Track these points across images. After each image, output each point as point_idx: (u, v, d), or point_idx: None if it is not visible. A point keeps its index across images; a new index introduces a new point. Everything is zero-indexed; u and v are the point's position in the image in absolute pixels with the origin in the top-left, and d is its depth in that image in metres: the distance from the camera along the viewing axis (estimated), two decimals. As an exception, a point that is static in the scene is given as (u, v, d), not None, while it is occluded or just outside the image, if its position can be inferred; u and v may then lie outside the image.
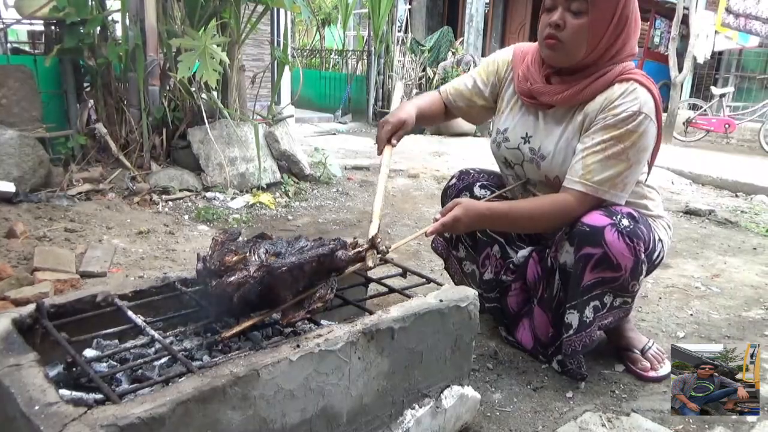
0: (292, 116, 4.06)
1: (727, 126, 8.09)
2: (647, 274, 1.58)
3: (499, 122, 1.70)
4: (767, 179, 4.87)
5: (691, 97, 9.43)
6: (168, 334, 1.11)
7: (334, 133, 6.82)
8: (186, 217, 3.13)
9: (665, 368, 1.67)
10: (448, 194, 1.84)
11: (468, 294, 1.30)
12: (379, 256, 1.31)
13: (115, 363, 1.05)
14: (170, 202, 3.27)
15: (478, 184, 1.78)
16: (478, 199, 1.72)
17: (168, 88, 3.52)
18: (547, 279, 1.66)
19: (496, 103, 1.74)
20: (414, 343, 1.19)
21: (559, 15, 1.42)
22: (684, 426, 1.41)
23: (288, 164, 3.86)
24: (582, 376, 1.61)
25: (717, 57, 9.49)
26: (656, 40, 10.38)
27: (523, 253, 1.77)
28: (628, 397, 1.56)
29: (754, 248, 3.27)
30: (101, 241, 2.63)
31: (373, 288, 1.47)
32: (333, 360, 1.03)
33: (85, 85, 3.53)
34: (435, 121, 1.83)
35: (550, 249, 1.64)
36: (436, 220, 1.46)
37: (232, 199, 3.43)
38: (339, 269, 1.20)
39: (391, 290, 1.35)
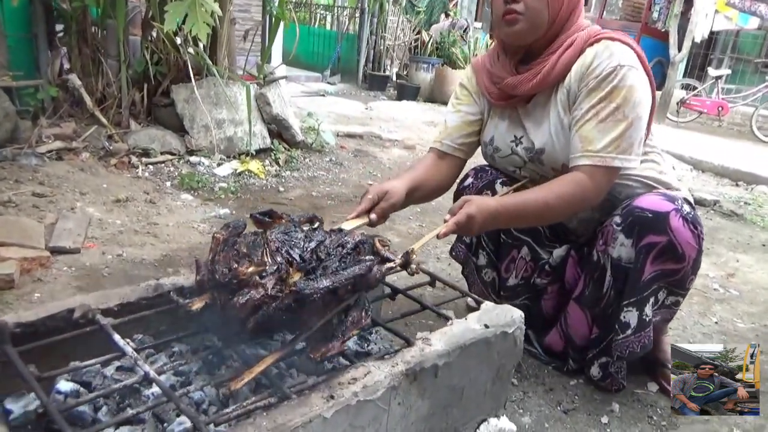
0: (285, 77, 3.77)
1: (720, 109, 7.99)
2: None
3: (484, 135, 1.57)
4: (767, 169, 4.78)
5: (684, 77, 9.29)
6: (163, 364, 0.90)
7: (323, 95, 6.50)
8: (168, 184, 2.87)
9: (703, 391, 1.53)
10: (464, 194, 1.60)
11: (514, 317, 1.12)
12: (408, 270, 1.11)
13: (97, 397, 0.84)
14: (150, 166, 3.00)
15: (499, 180, 1.59)
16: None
17: (150, 39, 3.19)
18: (590, 276, 1.48)
19: None
20: (457, 379, 1.00)
21: None
22: (735, 466, 1.28)
23: (279, 129, 3.59)
24: (622, 385, 1.50)
25: (713, 37, 9.32)
26: (655, 15, 10.15)
27: (560, 252, 1.59)
28: (668, 425, 1.42)
29: (764, 245, 3.16)
30: (74, 209, 2.37)
31: (399, 300, 1.28)
32: (371, 410, 0.84)
33: (58, 30, 3.18)
34: (438, 190, 1.56)
35: (595, 243, 1.47)
36: (446, 220, 1.26)
37: (219, 165, 3.17)
38: (370, 288, 1.00)
39: (424, 307, 1.16)
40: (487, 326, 1.06)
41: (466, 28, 7.93)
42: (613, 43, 1.32)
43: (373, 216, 1.29)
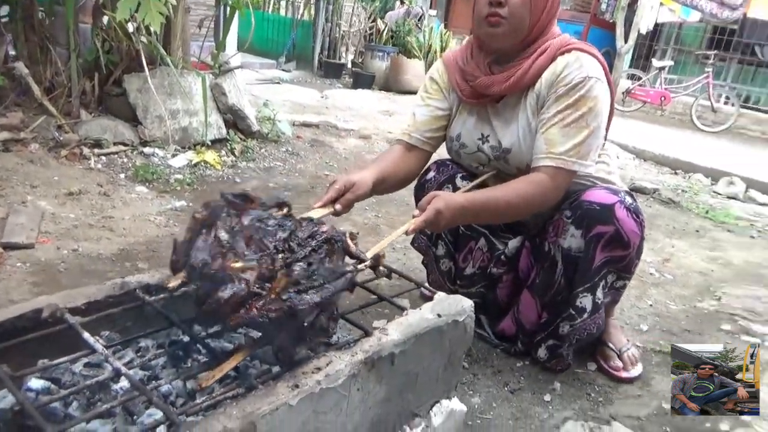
0: (241, 67, 3.75)
1: (663, 99, 8.34)
2: None
3: (450, 130, 1.64)
4: (703, 158, 5.05)
5: (630, 67, 9.63)
6: (130, 360, 0.95)
7: (278, 82, 6.46)
8: (122, 175, 2.84)
9: (637, 370, 1.67)
10: (426, 188, 1.69)
11: (465, 306, 1.20)
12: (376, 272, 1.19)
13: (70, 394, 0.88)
14: (103, 157, 2.95)
15: (459, 175, 1.67)
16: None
17: (101, 26, 3.11)
18: (542, 265, 1.60)
19: None
20: (412, 366, 1.08)
21: None
22: (662, 436, 1.41)
23: (234, 119, 3.58)
24: (568, 365, 1.63)
25: (657, 29, 9.67)
26: (603, 7, 10.44)
27: (515, 243, 1.69)
28: (604, 401, 1.55)
29: (697, 231, 3.38)
30: (25, 203, 2.33)
31: (357, 291, 1.34)
32: (333, 397, 0.91)
33: (2, 15, 3.06)
34: (405, 182, 1.63)
35: (546, 235, 1.57)
36: (414, 216, 1.33)
37: (174, 156, 3.15)
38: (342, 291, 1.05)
39: (381, 299, 1.23)
40: (439, 315, 1.14)
41: (421, 16, 7.99)
42: (584, 55, 1.42)
43: (338, 206, 1.33)
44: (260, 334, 0.97)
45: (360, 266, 1.09)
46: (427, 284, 1.36)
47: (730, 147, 6.47)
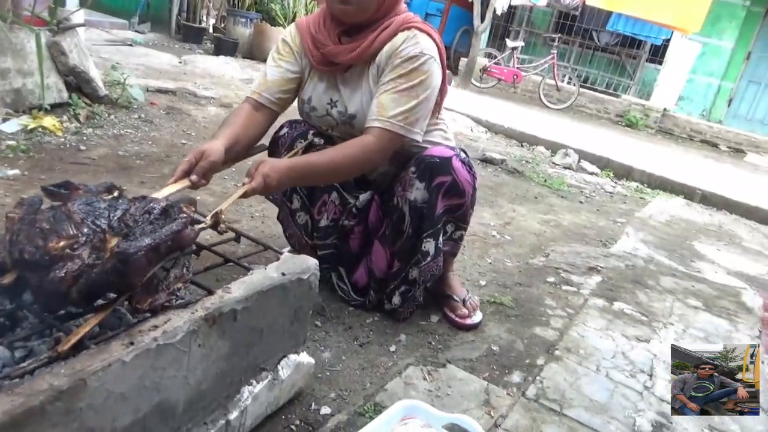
0: (83, 24, 3.44)
1: (515, 77, 8.99)
2: None
3: (302, 93, 1.71)
4: (546, 131, 5.57)
5: (487, 46, 10.23)
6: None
7: (131, 44, 6.00)
8: (-59, 141, 2.53)
9: (478, 316, 1.86)
10: (279, 144, 1.75)
11: (309, 264, 1.27)
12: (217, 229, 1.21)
13: None
14: None
15: (312, 132, 1.73)
16: (317, 147, 1.69)
17: None
18: (391, 218, 1.73)
19: None
20: (256, 321, 1.13)
21: None
22: (489, 373, 1.60)
23: (78, 82, 3.31)
24: (416, 308, 1.79)
25: (511, 11, 10.35)
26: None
27: (365, 196, 1.80)
28: (443, 348, 1.71)
29: (536, 197, 3.75)
30: None
31: (205, 256, 1.35)
32: (172, 353, 0.93)
33: None
34: (254, 141, 1.64)
35: (394, 191, 1.70)
36: (245, 183, 1.36)
37: (5, 120, 2.85)
38: (188, 245, 1.07)
39: (227, 260, 1.26)
40: (284, 274, 1.20)
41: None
42: (421, 34, 1.55)
43: (193, 177, 1.31)
44: (112, 295, 0.97)
45: (197, 227, 1.10)
46: (272, 245, 1.40)
47: (570, 123, 7.18)
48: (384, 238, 1.76)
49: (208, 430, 1.08)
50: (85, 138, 3.00)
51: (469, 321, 1.84)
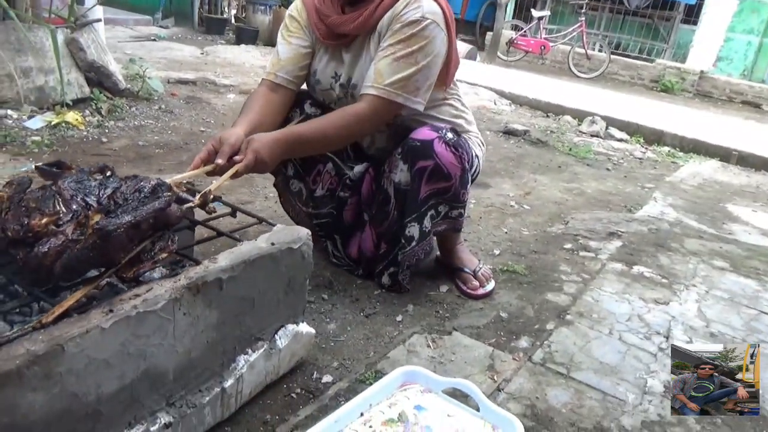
0: (100, 20, 3.52)
1: (543, 48, 8.77)
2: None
3: (311, 66, 1.69)
4: (572, 100, 5.42)
5: (513, 18, 9.99)
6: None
7: (155, 39, 6.12)
8: (-31, 140, 2.64)
9: (491, 285, 1.83)
10: None
11: (300, 235, 1.27)
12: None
13: None
14: (-54, 122, 2.72)
15: (309, 101, 1.73)
16: (311, 116, 1.69)
17: (-73, -24, 2.81)
18: (378, 199, 1.72)
19: None
20: (245, 291, 1.14)
21: None
22: (496, 339, 1.58)
23: (98, 77, 3.39)
24: (407, 289, 1.76)
25: (537, -21, 10.07)
26: (485, -43, 10.66)
27: (360, 168, 1.79)
28: (450, 316, 1.70)
29: (559, 166, 3.67)
30: None
31: (200, 232, 1.38)
32: (154, 320, 0.95)
33: None
34: (277, 121, 1.61)
35: (385, 168, 1.67)
36: (236, 162, 1.34)
37: (30, 117, 2.95)
38: (172, 224, 1.09)
39: (220, 234, 1.28)
40: (273, 244, 1.20)
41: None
42: None
43: (219, 160, 1.31)
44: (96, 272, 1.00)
45: (185, 206, 1.12)
46: (267, 218, 1.40)
47: (601, 91, 6.96)
48: (372, 218, 1.75)
49: (203, 396, 1.10)
50: (107, 130, 3.08)
51: (481, 291, 1.81)
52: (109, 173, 1.18)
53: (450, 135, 1.58)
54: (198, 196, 1.21)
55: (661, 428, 1.32)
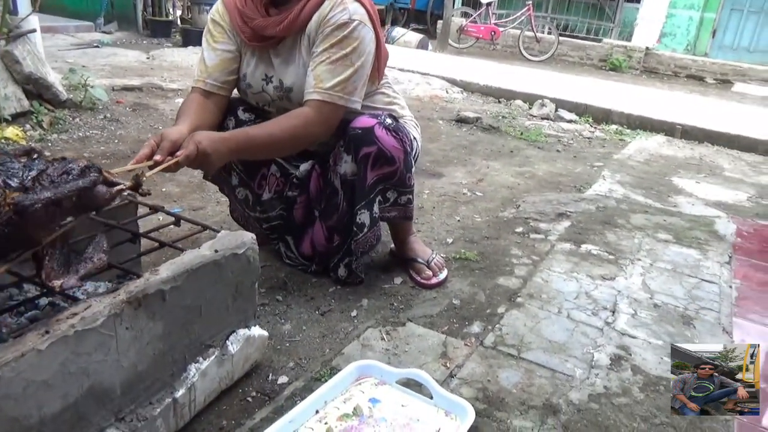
0: (35, 31, 3.41)
1: (493, 33, 8.87)
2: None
3: (240, 70, 1.68)
4: (523, 84, 5.51)
5: (462, 5, 10.07)
6: None
7: (98, 46, 5.96)
8: None
9: (444, 274, 1.87)
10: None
11: (245, 240, 1.28)
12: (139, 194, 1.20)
13: None
14: None
15: (241, 107, 1.73)
16: (245, 122, 1.68)
17: None
18: (326, 193, 1.74)
19: None
20: (190, 300, 1.14)
21: None
22: (449, 327, 1.62)
23: (37, 89, 3.29)
24: (362, 279, 1.80)
25: (483, -34, 10.15)
26: (431, -54, 10.69)
27: (305, 166, 1.81)
28: (404, 308, 1.73)
29: (511, 151, 3.74)
30: None
31: (147, 244, 1.36)
32: (95, 337, 0.94)
33: None
34: (214, 126, 1.61)
35: (330, 162, 1.70)
36: (177, 155, 1.34)
37: (-34, 135, 2.85)
38: (98, 208, 1.07)
39: (162, 245, 1.27)
40: (216, 251, 1.21)
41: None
42: (348, 0, 1.52)
43: (158, 156, 1.30)
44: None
45: (118, 187, 1.09)
46: (211, 225, 1.40)
47: (551, 74, 7.09)
48: (322, 212, 1.76)
49: (154, 409, 1.10)
50: (50, 144, 3.00)
51: (434, 280, 1.84)
52: (36, 156, 1.15)
53: (389, 120, 1.61)
54: (130, 179, 1.18)
55: (607, 399, 1.38)
